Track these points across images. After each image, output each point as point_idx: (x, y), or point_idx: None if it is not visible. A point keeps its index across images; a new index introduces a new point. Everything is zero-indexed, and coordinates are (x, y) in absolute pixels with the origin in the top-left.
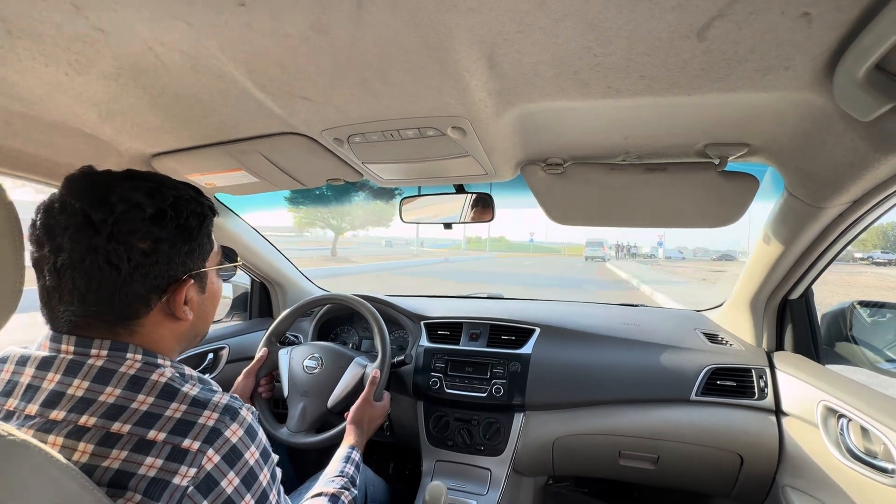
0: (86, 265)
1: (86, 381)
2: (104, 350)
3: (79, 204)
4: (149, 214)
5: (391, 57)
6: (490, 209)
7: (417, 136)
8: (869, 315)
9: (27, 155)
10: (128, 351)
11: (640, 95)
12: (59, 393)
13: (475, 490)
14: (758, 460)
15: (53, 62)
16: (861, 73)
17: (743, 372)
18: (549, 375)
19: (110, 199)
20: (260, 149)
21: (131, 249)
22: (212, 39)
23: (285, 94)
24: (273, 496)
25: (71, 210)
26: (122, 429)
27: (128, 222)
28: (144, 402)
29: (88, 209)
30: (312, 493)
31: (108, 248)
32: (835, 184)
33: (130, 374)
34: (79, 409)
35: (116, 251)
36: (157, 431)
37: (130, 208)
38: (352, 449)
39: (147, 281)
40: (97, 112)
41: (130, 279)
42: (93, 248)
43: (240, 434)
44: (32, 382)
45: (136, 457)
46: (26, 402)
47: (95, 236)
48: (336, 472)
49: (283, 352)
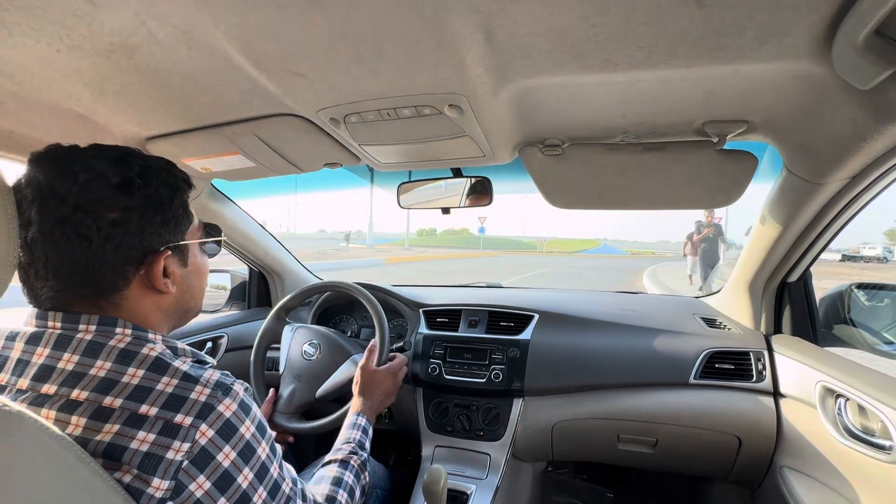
0: (55, 237)
1: (76, 356)
2: (92, 325)
3: (43, 176)
4: (114, 183)
5: (386, 29)
6: (488, 193)
7: (414, 115)
8: (867, 297)
9: (20, 136)
10: (117, 325)
11: (638, 68)
12: (50, 367)
13: (475, 475)
14: (756, 442)
15: (45, 37)
16: (860, 38)
17: (741, 355)
18: (548, 361)
19: (74, 170)
20: (256, 131)
21: (99, 219)
22: (205, 13)
23: (280, 70)
24: (274, 469)
25: (36, 183)
26: (113, 403)
27: (92, 191)
28: (135, 375)
29: (53, 181)
30: (323, 462)
31: (76, 218)
32: (833, 158)
33: (120, 348)
34: (70, 382)
35: (84, 221)
36: (149, 406)
37: (94, 177)
38: (357, 416)
39: (120, 252)
40: (90, 91)
41: (102, 250)
42: (60, 219)
43: (233, 408)
44: (22, 357)
45: (129, 430)
46: (17, 377)
47: (61, 206)
48: (343, 440)
49: (289, 328)
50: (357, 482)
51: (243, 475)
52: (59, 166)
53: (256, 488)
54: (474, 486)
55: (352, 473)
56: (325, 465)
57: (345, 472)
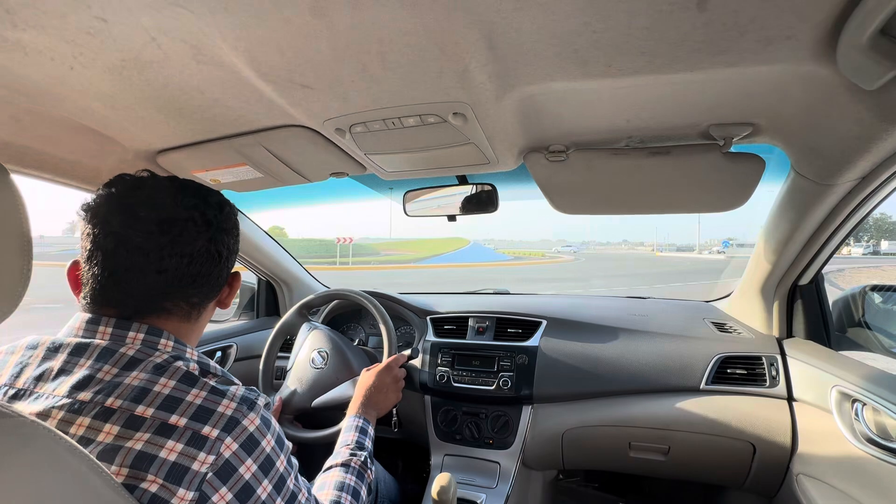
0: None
1: (115, 368)
2: (141, 333)
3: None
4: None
5: (390, 40)
6: (493, 200)
7: (419, 124)
8: (882, 299)
9: (34, 151)
10: (161, 337)
11: (641, 74)
12: (90, 376)
13: (484, 484)
14: (771, 449)
15: (59, 56)
16: (865, 38)
17: (753, 360)
18: (557, 367)
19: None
20: (263, 142)
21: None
22: (212, 27)
23: (286, 82)
24: (291, 481)
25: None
26: (145, 412)
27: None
28: (166, 385)
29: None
30: (324, 468)
31: (219, 240)
32: (842, 159)
33: (156, 363)
34: (106, 391)
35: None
36: (179, 416)
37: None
38: (353, 418)
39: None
40: (102, 106)
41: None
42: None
43: (256, 423)
44: (65, 367)
45: (158, 439)
46: (56, 385)
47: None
48: (342, 444)
49: (307, 327)
50: (361, 482)
51: (263, 487)
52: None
53: (275, 499)
54: (484, 494)
55: (353, 475)
56: (326, 470)
57: (346, 474)
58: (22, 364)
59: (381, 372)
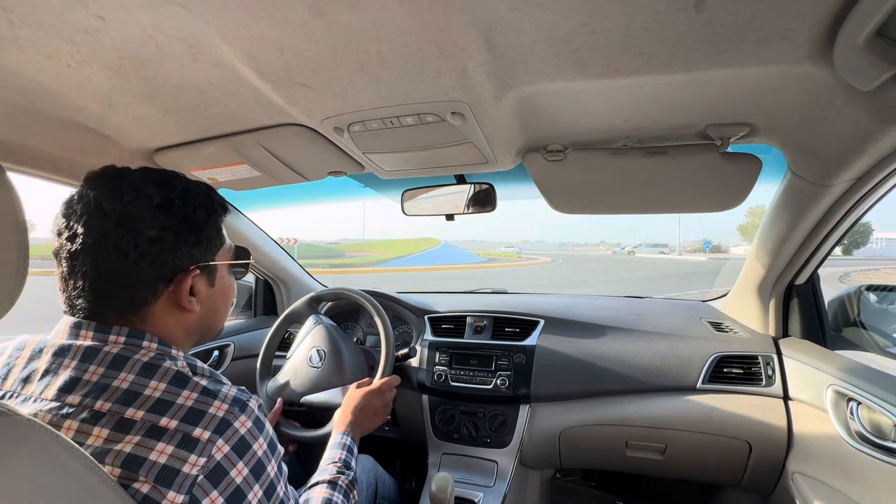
0: (96, 250)
1: (101, 368)
2: (122, 336)
3: (93, 193)
4: (156, 203)
5: (389, 40)
6: (491, 200)
7: (417, 123)
8: (877, 299)
9: (31, 149)
10: (144, 339)
11: (639, 74)
12: (76, 378)
13: (482, 482)
14: (767, 447)
15: (56, 53)
16: (861, 39)
17: (750, 359)
18: (555, 366)
19: (121, 189)
20: (261, 141)
21: (138, 236)
22: (210, 26)
23: (284, 81)
24: (280, 488)
25: (86, 199)
26: (135, 414)
27: (135, 209)
28: (157, 388)
29: (101, 198)
30: (310, 484)
31: (117, 234)
32: (838, 159)
33: (144, 361)
34: (94, 394)
35: (124, 237)
36: (170, 419)
37: (139, 197)
38: (341, 435)
39: (153, 268)
40: (100, 105)
41: (137, 266)
42: (103, 233)
43: (248, 425)
44: (49, 368)
45: (149, 441)
46: (43, 388)
47: (105, 222)
48: (329, 461)
49: (313, 319)
50: (347, 502)
51: (253, 492)
52: (109, 185)
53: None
54: (482, 493)
55: (341, 494)
56: (312, 486)
57: (333, 492)
58: (9, 366)
59: (371, 394)
